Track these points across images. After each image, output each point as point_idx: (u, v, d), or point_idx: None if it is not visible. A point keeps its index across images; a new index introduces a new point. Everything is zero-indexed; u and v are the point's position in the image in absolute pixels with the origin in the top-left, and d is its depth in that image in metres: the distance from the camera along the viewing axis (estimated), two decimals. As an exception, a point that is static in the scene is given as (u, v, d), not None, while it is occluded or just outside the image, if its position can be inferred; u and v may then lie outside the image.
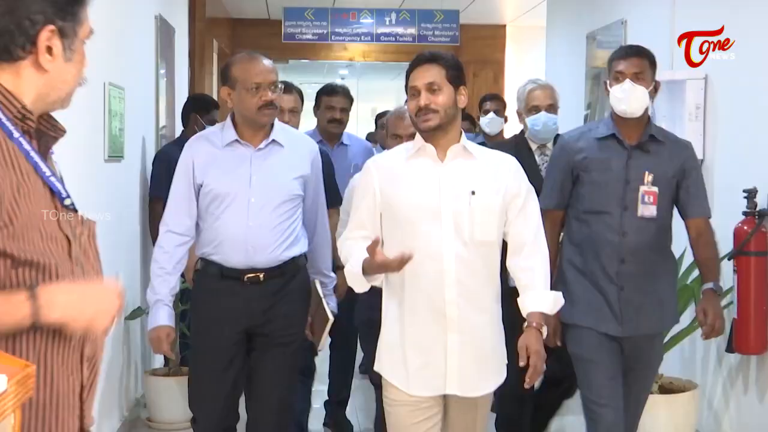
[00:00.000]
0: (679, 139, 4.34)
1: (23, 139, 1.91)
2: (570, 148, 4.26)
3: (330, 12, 11.97)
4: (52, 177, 1.96)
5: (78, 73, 2.06)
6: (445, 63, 3.48)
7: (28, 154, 1.91)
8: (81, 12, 1.99)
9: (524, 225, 3.56)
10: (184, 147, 4.26)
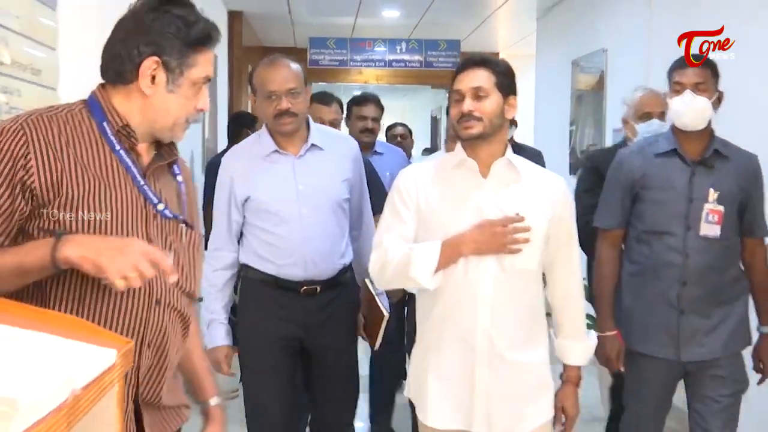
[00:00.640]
0: (743, 151, 3.53)
1: (124, 152, 1.95)
2: (628, 164, 3.51)
3: (349, 41, 12.01)
4: (145, 186, 1.97)
5: (181, 107, 2.01)
6: (496, 68, 2.79)
7: (128, 167, 1.95)
8: (192, 55, 1.98)
9: (568, 257, 2.91)
10: (222, 162, 3.63)
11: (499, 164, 2.79)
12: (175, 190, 2.12)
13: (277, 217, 3.35)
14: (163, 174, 2.09)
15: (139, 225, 1.95)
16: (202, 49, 1.99)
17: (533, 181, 2.85)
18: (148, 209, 1.97)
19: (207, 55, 2.01)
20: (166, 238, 2.01)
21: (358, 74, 13.83)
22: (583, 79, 8.41)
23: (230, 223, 3.42)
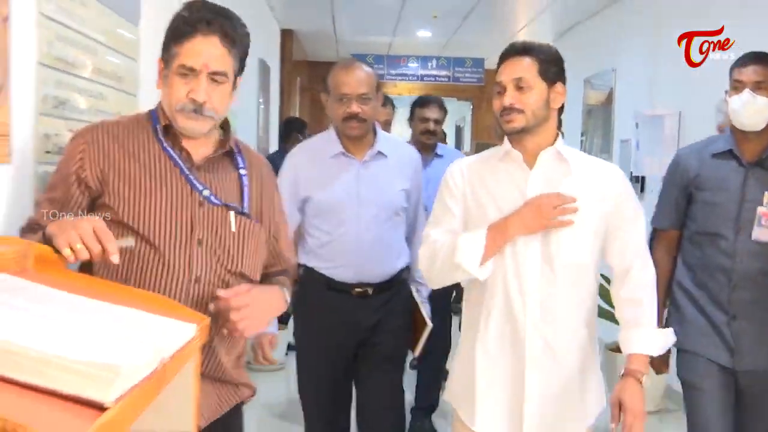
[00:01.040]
0: None
1: (170, 148, 1.98)
2: (684, 163, 3.08)
3: (386, 58, 12.13)
4: (191, 176, 1.97)
5: (171, 97, 1.95)
6: (539, 55, 2.36)
7: (175, 161, 1.98)
8: (174, 48, 1.92)
9: (629, 249, 2.46)
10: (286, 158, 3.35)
11: (546, 154, 2.41)
12: (236, 181, 2.09)
13: (335, 219, 3.08)
14: (222, 167, 2.08)
15: (183, 210, 1.95)
16: (182, 40, 1.90)
17: (586, 173, 2.44)
18: (194, 196, 1.97)
19: (188, 44, 1.90)
20: (212, 222, 1.99)
21: (393, 87, 13.80)
22: (593, 95, 8.39)
23: (291, 219, 2.99)
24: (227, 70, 1.93)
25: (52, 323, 1.25)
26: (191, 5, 1.94)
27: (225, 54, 1.92)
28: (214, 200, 1.99)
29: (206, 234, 1.98)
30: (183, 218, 1.95)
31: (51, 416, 1.01)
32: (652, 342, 2.45)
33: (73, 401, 1.07)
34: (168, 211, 1.94)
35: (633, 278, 2.45)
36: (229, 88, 1.98)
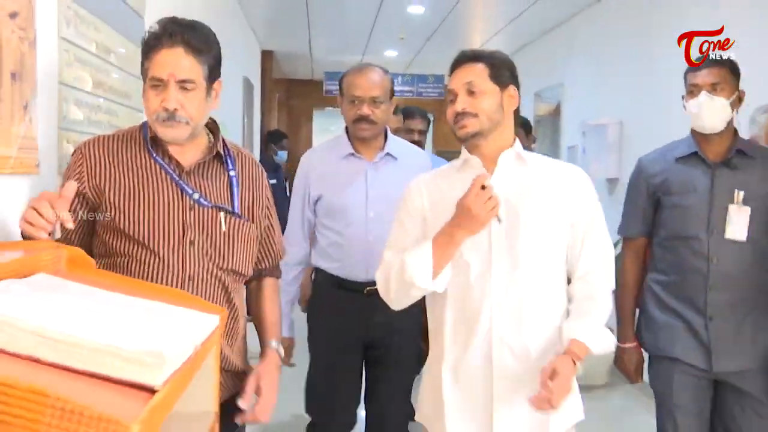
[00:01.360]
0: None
1: (159, 157, 1.94)
2: (648, 170, 2.78)
3: (356, 75, 12.08)
4: (181, 181, 1.93)
5: (147, 107, 1.89)
6: (489, 60, 2.10)
7: (165, 168, 1.93)
8: (146, 62, 1.87)
9: (589, 252, 2.14)
10: (301, 160, 3.08)
11: (506, 156, 2.12)
12: (226, 182, 2.04)
13: (345, 218, 2.84)
14: (212, 170, 2.02)
15: (175, 213, 1.92)
16: (150, 55, 1.85)
17: (547, 174, 2.15)
18: (185, 200, 1.93)
19: (155, 57, 1.84)
20: (203, 223, 1.95)
21: (362, 101, 13.82)
22: (542, 107, 8.48)
23: (303, 221, 2.91)
24: (194, 77, 1.84)
25: (97, 316, 1.25)
26: (160, 22, 1.88)
27: (191, 62, 1.84)
28: (204, 202, 1.95)
29: (198, 235, 1.94)
30: (175, 222, 1.92)
31: (108, 398, 1.01)
32: (597, 336, 2.09)
33: (125, 385, 1.08)
34: (161, 217, 1.90)
35: (593, 280, 2.14)
36: (201, 94, 1.89)
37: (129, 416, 0.95)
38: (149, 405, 1.02)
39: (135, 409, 1.00)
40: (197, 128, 1.93)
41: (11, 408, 0.93)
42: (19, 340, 1.07)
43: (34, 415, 0.92)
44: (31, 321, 1.10)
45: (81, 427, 0.93)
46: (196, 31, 1.86)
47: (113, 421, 0.93)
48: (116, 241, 1.90)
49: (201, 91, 1.87)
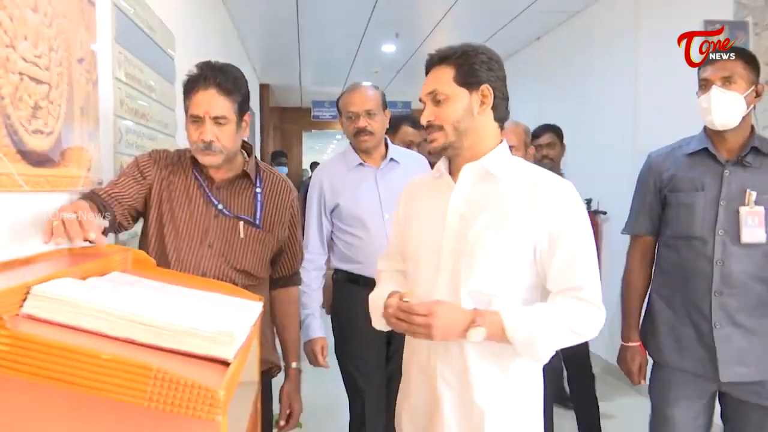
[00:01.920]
0: None
1: (197, 174, 1.96)
2: (657, 166, 2.28)
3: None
4: (209, 194, 1.94)
5: (189, 139, 1.89)
6: (457, 59, 1.60)
7: (200, 184, 1.95)
8: (186, 101, 1.87)
9: (566, 272, 1.55)
10: (314, 174, 2.88)
11: (468, 169, 1.63)
12: (251, 197, 2.01)
13: (362, 221, 2.62)
14: (240, 186, 2.00)
15: (203, 219, 1.93)
16: (189, 95, 1.85)
17: (516, 188, 1.59)
18: (211, 210, 1.94)
19: (193, 98, 1.84)
20: (223, 230, 1.95)
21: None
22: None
23: (321, 230, 2.69)
24: (226, 114, 1.84)
25: (171, 304, 1.27)
26: (198, 66, 1.88)
27: (222, 101, 1.83)
28: (226, 212, 1.95)
29: (216, 239, 1.94)
30: (200, 226, 1.93)
31: (194, 370, 1.04)
32: (524, 336, 1.51)
33: (204, 359, 1.10)
34: (194, 220, 1.92)
35: (560, 303, 1.54)
36: (233, 127, 1.87)
37: (214, 383, 0.98)
38: (227, 374, 1.05)
39: (217, 377, 1.03)
40: (230, 154, 1.92)
41: (120, 379, 0.95)
42: (117, 325, 1.10)
43: (140, 385, 0.95)
44: (124, 309, 1.12)
45: (178, 393, 0.95)
46: (226, 74, 1.86)
47: (203, 388, 0.96)
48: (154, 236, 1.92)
49: (232, 125, 1.88)
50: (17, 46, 1.44)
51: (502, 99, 1.63)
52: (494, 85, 1.61)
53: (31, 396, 0.96)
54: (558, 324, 1.53)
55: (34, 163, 1.53)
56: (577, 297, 1.55)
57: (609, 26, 5.25)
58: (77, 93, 1.81)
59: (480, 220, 1.59)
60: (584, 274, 1.56)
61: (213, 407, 0.95)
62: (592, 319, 1.56)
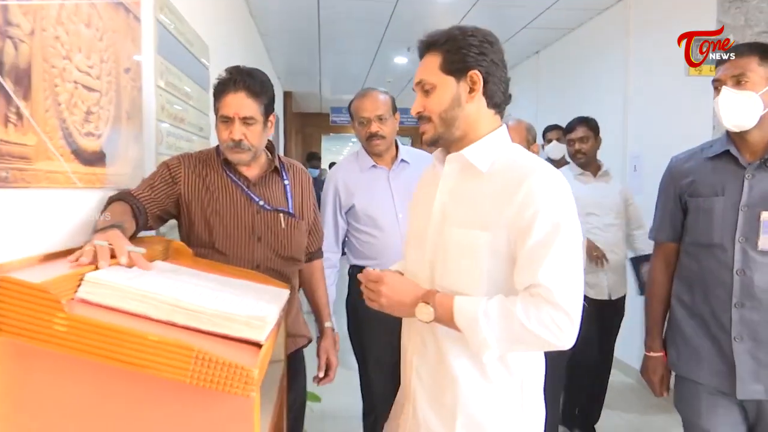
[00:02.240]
0: None
1: (230, 173, 1.90)
2: (677, 170, 1.98)
3: (354, 109, 12.04)
4: (248, 191, 1.90)
5: (219, 138, 1.85)
6: (444, 45, 1.36)
7: (235, 182, 1.90)
8: (216, 103, 1.84)
9: (530, 267, 1.26)
10: (328, 175, 2.75)
11: (452, 160, 1.42)
12: (282, 190, 1.99)
13: (378, 223, 2.49)
14: (272, 180, 1.97)
15: (246, 216, 1.89)
16: (219, 97, 1.82)
17: (500, 183, 1.33)
18: (253, 206, 1.90)
19: (223, 100, 1.81)
20: (267, 223, 1.91)
21: (358, 128, 13.76)
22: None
23: (336, 229, 2.57)
24: (253, 114, 1.81)
25: (209, 291, 1.28)
26: (227, 70, 1.86)
27: (250, 103, 1.80)
28: (267, 207, 1.92)
29: (264, 232, 1.91)
30: (246, 222, 1.89)
31: (230, 351, 1.04)
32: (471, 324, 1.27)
33: (238, 341, 1.11)
34: (236, 218, 1.89)
35: (515, 301, 1.26)
36: (260, 127, 1.84)
37: (249, 363, 0.98)
38: (260, 355, 1.05)
39: (251, 358, 1.03)
40: (258, 152, 1.90)
41: (165, 359, 0.96)
42: (159, 309, 1.10)
43: (183, 364, 0.95)
44: (167, 294, 1.13)
45: (216, 371, 0.96)
46: (253, 78, 1.84)
47: (239, 367, 0.96)
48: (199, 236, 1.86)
49: (259, 125, 1.85)
50: (72, 57, 1.45)
51: (497, 83, 1.38)
52: (487, 69, 1.36)
53: (86, 372, 0.97)
54: (508, 319, 1.24)
55: (86, 162, 1.54)
56: (537, 295, 1.23)
57: (601, 42, 5.23)
58: (124, 99, 1.82)
59: (456, 216, 1.37)
60: (550, 271, 1.24)
61: (248, 384, 0.95)
62: (554, 322, 1.22)
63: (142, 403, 0.98)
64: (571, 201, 1.32)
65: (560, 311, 1.23)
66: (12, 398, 0.96)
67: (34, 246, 1.27)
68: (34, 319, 0.95)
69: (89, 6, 1.56)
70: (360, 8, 5.32)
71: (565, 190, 1.32)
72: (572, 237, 1.28)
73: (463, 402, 1.36)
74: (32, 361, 0.97)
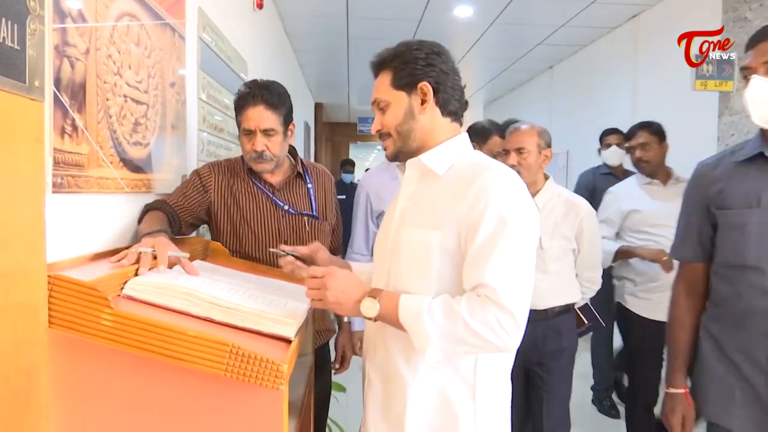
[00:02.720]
0: None
1: (255, 180, 1.88)
2: (704, 178, 1.53)
3: (379, 119, 12.01)
4: (274, 197, 1.87)
5: (243, 149, 1.82)
6: (391, 63, 1.30)
7: (261, 189, 1.88)
8: (238, 117, 1.81)
9: (475, 266, 1.14)
10: (359, 182, 2.64)
11: (410, 165, 1.33)
12: (306, 194, 1.95)
13: None
14: (295, 185, 1.93)
15: (272, 221, 1.86)
16: (241, 111, 1.79)
17: (454, 184, 1.23)
18: (278, 211, 1.87)
19: (244, 114, 1.78)
20: (292, 226, 1.88)
21: (382, 137, 13.72)
22: (510, 141, 8.41)
23: (367, 233, 2.45)
24: (273, 126, 1.78)
25: (244, 289, 1.28)
26: (246, 84, 1.82)
27: (270, 115, 1.77)
28: (291, 211, 1.89)
29: (289, 235, 1.88)
30: (272, 227, 1.87)
31: (262, 346, 1.04)
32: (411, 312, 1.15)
33: (269, 337, 1.11)
34: (262, 223, 1.87)
35: (473, 299, 1.13)
36: (280, 137, 1.81)
37: (279, 358, 0.98)
38: (289, 350, 1.05)
39: (281, 353, 1.03)
40: (279, 160, 1.88)
41: (202, 353, 0.96)
42: (199, 306, 1.11)
43: (218, 358, 0.96)
44: (205, 293, 1.13)
45: (249, 365, 0.96)
46: (271, 91, 1.80)
47: (271, 362, 0.96)
48: (228, 241, 1.84)
49: (280, 135, 1.83)
50: (123, 73, 1.47)
51: (449, 91, 1.30)
52: (436, 79, 1.28)
53: (129, 364, 0.98)
54: (452, 317, 1.12)
55: (134, 169, 1.56)
56: (483, 295, 1.13)
57: (611, 58, 5.16)
58: (169, 111, 1.84)
59: (411, 218, 1.28)
60: (497, 271, 1.13)
61: (278, 378, 0.95)
62: (499, 323, 1.11)
63: (179, 394, 0.98)
64: (525, 200, 1.20)
65: (506, 313, 1.11)
66: (62, 386, 0.97)
67: (85, 246, 1.29)
68: (83, 314, 0.96)
69: (139, 27, 1.57)
70: (386, 27, 5.33)
71: (519, 188, 1.21)
72: (522, 236, 1.16)
73: (411, 411, 1.24)
74: (81, 353, 0.97)
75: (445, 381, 1.22)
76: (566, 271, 2.21)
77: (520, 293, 1.13)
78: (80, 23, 1.26)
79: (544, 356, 2.20)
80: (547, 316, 2.19)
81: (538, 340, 2.17)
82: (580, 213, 2.19)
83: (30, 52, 0.87)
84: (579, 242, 2.20)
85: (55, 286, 0.96)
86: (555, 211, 2.19)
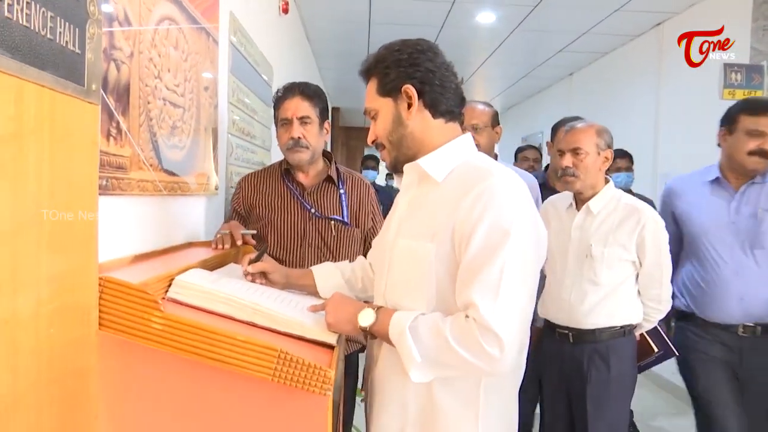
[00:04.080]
0: None
1: (288, 182, 1.92)
2: None
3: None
4: (302, 199, 1.89)
5: (279, 142, 1.91)
6: (374, 71, 1.22)
7: (292, 191, 1.90)
8: (276, 112, 1.91)
9: (464, 283, 1.05)
10: None
11: (408, 170, 1.23)
12: (337, 199, 1.95)
13: None
14: (327, 189, 1.94)
15: (299, 223, 1.89)
16: (278, 105, 1.89)
17: (452, 192, 1.13)
18: (306, 213, 1.89)
19: (282, 106, 1.87)
20: (318, 229, 1.90)
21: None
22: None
23: None
24: (310, 114, 1.85)
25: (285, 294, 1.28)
26: (284, 85, 1.93)
27: (306, 104, 1.85)
28: (317, 214, 1.91)
29: (314, 237, 1.90)
30: (299, 229, 1.89)
31: (307, 352, 1.04)
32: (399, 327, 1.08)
33: (312, 343, 1.11)
34: (291, 224, 1.89)
35: (461, 317, 1.05)
36: (316, 128, 1.87)
37: (325, 363, 0.98)
38: (334, 356, 1.05)
39: (325, 358, 1.03)
40: (316, 153, 1.89)
41: (252, 357, 0.96)
42: (242, 311, 1.11)
43: (266, 362, 0.96)
44: (247, 298, 1.13)
45: (296, 370, 0.96)
46: (307, 86, 1.91)
47: (317, 367, 0.96)
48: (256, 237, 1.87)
49: (316, 125, 1.87)
50: (162, 77, 1.48)
51: (438, 90, 1.19)
52: (420, 79, 1.18)
53: (177, 367, 0.98)
54: (437, 336, 1.05)
55: (170, 172, 1.57)
56: (470, 316, 1.03)
57: (634, 66, 5.13)
58: (203, 115, 1.85)
59: (407, 227, 1.20)
60: (483, 288, 1.03)
61: (325, 384, 0.95)
62: (481, 347, 1.01)
63: (226, 398, 0.98)
64: (526, 211, 1.09)
65: (491, 336, 1.01)
66: (111, 388, 0.98)
67: (126, 248, 1.30)
68: (133, 316, 0.96)
69: (177, 30, 1.59)
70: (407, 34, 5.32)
71: (522, 197, 1.10)
72: (520, 250, 1.06)
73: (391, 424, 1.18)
74: (130, 355, 0.98)
75: (445, 403, 1.13)
76: (622, 286, 1.89)
77: (510, 314, 1.03)
78: (126, 26, 1.27)
79: (588, 384, 1.87)
80: (594, 338, 1.87)
81: (582, 364, 1.88)
82: (642, 219, 1.87)
83: (89, 55, 0.88)
84: (640, 253, 1.87)
85: (106, 288, 0.97)
86: (611, 216, 1.91)
